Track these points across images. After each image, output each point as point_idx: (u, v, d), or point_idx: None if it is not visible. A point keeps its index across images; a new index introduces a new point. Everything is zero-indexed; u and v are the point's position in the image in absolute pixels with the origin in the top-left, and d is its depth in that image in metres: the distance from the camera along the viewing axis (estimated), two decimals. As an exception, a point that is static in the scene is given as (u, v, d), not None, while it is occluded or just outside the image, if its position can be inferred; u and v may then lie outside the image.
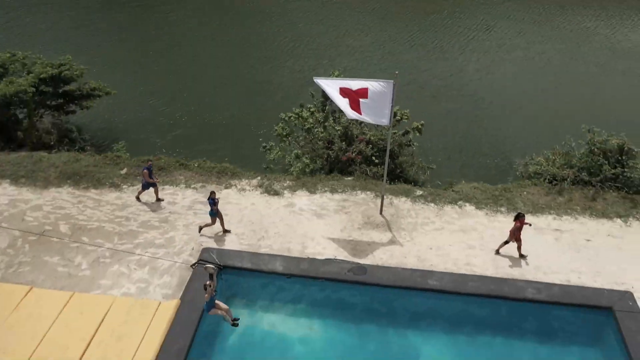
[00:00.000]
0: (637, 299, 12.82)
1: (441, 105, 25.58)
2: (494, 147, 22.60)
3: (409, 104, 21.33)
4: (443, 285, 13.16)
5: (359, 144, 18.04)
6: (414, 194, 16.71)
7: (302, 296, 13.50)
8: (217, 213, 14.37)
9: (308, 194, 16.65)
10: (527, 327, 12.59)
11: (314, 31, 33.85)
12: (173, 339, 11.58)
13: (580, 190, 17.14)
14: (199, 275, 13.22)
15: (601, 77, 28.43)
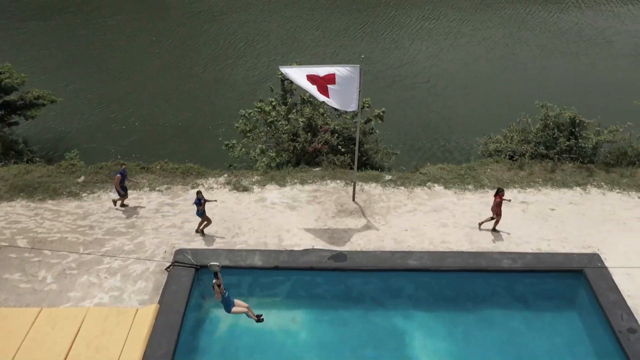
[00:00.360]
0: (604, 260, 13.45)
1: (397, 94, 25.96)
2: (452, 130, 23.17)
3: (366, 94, 21.45)
4: (423, 263, 13.31)
5: (324, 134, 17.98)
6: (384, 179, 16.83)
7: (283, 288, 13.29)
8: (204, 213, 13.92)
9: (278, 187, 16.42)
10: (507, 296, 12.94)
11: (263, 28, 33.56)
12: (156, 345, 11.09)
13: (539, 163, 17.81)
14: (176, 278, 12.77)
15: (543, 58, 29.72)
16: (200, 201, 13.68)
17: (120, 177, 14.68)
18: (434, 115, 24.53)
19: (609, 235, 14.41)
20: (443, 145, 22.03)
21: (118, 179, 14.65)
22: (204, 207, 13.80)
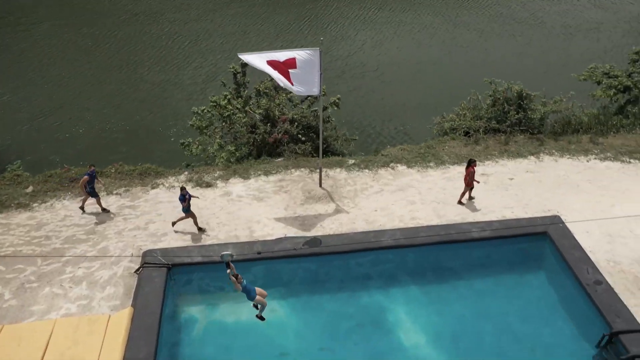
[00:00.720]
0: (564, 221, 14.10)
1: (348, 83, 26.15)
2: (407, 114, 23.62)
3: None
4: (397, 240, 13.45)
5: (283, 124, 17.81)
6: (347, 164, 16.88)
7: (260, 279, 13.01)
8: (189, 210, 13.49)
9: (242, 180, 16.10)
10: (480, 263, 13.32)
11: (206, 26, 32.89)
12: (135, 349, 10.57)
13: (493, 137, 18.44)
14: (147, 280, 12.24)
15: (482, 41, 30.86)
16: (185, 197, 13.26)
17: (87, 178, 13.97)
18: (386, 101, 24.91)
19: (565, 198, 15.12)
20: (399, 129, 22.38)
21: (85, 181, 13.93)
22: (189, 202, 13.41)
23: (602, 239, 13.66)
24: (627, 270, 12.78)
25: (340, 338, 11.89)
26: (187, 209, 13.53)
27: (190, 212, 13.66)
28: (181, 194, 13.32)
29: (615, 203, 14.90)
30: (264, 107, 17.89)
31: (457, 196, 15.12)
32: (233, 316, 12.33)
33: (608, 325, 11.22)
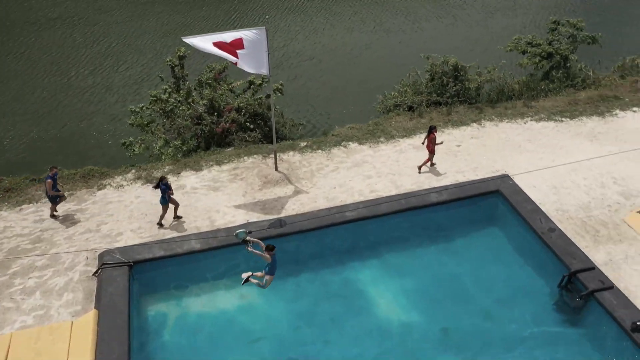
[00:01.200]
0: (513, 179, 14.83)
1: (286, 73, 25.96)
2: (348, 97, 23.86)
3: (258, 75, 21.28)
4: (360, 213, 13.57)
5: (229, 113, 17.45)
6: (299, 146, 16.81)
7: (227, 267, 12.69)
8: (171, 199, 12.97)
9: (194, 172, 15.60)
10: (442, 226, 13.72)
11: (131, 28, 31.50)
12: (107, 350, 9.98)
13: (435, 110, 19.07)
14: (109, 280, 11.58)
15: (410, 23, 31.80)
16: (167, 186, 12.77)
17: (51, 182, 13.00)
18: (327, 86, 25.09)
19: (510, 158, 15.90)
20: (344, 112, 22.56)
21: (50, 184, 12.96)
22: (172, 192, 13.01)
23: (549, 191, 14.50)
24: (574, 217, 13.65)
25: (316, 316, 11.84)
26: (168, 199, 13.04)
27: (172, 199, 13.18)
28: (163, 184, 12.78)
29: (555, 158, 15.86)
30: (207, 98, 17.42)
31: (411, 167, 15.51)
32: (202, 307, 11.96)
33: (566, 267, 11.94)
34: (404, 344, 10.98)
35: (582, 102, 19.00)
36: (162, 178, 12.88)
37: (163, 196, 12.96)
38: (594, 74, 21.38)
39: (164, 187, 12.82)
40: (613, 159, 15.79)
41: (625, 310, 10.90)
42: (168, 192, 12.87)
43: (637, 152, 16.01)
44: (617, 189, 14.61)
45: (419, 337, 11.10)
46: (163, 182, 12.83)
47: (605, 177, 15.04)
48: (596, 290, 11.30)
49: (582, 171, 15.29)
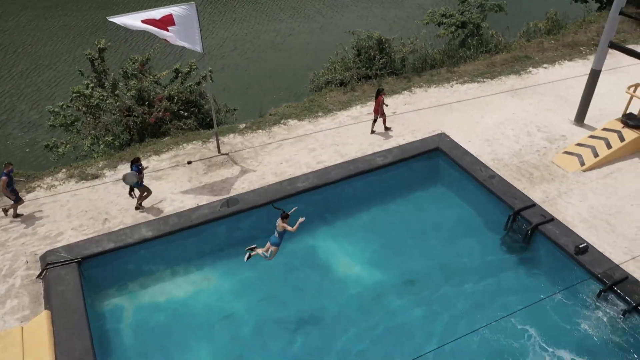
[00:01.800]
0: (449, 136, 15.55)
1: (211, 64, 25.35)
2: (278, 82, 23.83)
3: (184, 63, 20.69)
4: (311, 182, 13.62)
5: (160, 102, 16.79)
6: (239, 129, 16.54)
7: (184, 252, 12.26)
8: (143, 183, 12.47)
9: (132, 164, 14.88)
10: (391, 186, 14.09)
11: (33, 32, 29.38)
12: (68, 348, 9.30)
13: (366, 83, 19.52)
14: (57, 279, 10.80)
15: (327, 9, 32.28)
16: (139, 168, 12.29)
17: (6, 179, 12.03)
18: (256, 74, 24.93)
19: (443, 119, 16.63)
20: (275, 97, 22.45)
21: (4, 182, 12.08)
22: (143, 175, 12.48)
23: (483, 144, 15.36)
24: (509, 164, 14.57)
25: (282, 286, 11.76)
26: (141, 182, 12.54)
27: (144, 185, 12.68)
28: (135, 166, 12.30)
29: (483, 114, 16.82)
30: (135, 88, 16.63)
31: (352, 137, 15.80)
32: (164, 294, 11.54)
33: (510, 208, 12.74)
34: (368, 294, 11.20)
35: (498, 64, 20.28)
36: (135, 160, 12.48)
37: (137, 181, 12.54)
38: (504, 39, 22.88)
39: (136, 169, 12.38)
40: (534, 110, 17.03)
41: (567, 237, 11.83)
42: (140, 175, 12.42)
43: (553, 102, 17.38)
44: (542, 135, 15.78)
45: (383, 286, 11.35)
46: (136, 164, 12.41)
47: (530, 127, 16.18)
48: (539, 223, 12.16)
49: (509, 123, 16.34)
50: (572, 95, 17.60)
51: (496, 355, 9.92)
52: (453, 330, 10.05)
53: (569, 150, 14.75)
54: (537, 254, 12.05)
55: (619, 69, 18.98)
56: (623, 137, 14.52)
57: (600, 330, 10.28)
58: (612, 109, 16.44)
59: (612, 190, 13.53)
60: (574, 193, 13.49)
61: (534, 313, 10.57)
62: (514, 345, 10.09)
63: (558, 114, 16.80)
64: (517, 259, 12.17)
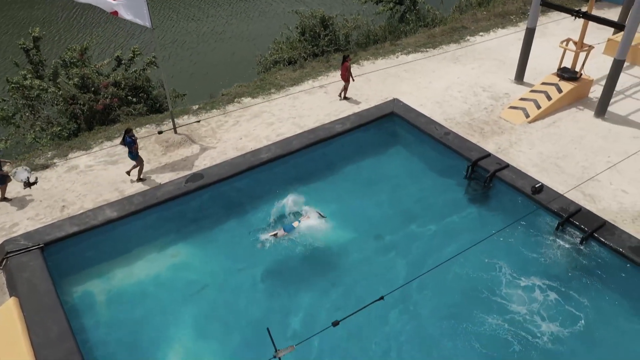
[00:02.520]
0: (401, 100, 16.04)
1: (159, 55, 24.71)
2: (223, 69, 23.54)
3: (126, 50, 20.04)
4: (275, 153, 13.63)
5: (106, 89, 16.16)
6: (192, 110, 16.24)
7: (152, 231, 11.92)
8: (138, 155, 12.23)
9: (84, 151, 14.25)
10: (353, 151, 14.35)
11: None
12: (43, 331, 8.83)
13: (313, 60, 19.71)
14: (21, 267, 10.23)
15: None
16: (132, 140, 12.00)
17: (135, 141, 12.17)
18: (200, 65, 24.53)
19: (394, 87, 17.10)
20: (223, 82, 22.17)
21: None
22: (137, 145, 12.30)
23: (434, 107, 15.95)
24: (461, 122, 15.23)
25: (256, 254, 11.69)
26: (136, 154, 12.30)
27: (139, 157, 12.46)
28: (128, 137, 12.16)
29: (430, 80, 17.46)
30: (78, 75, 15.90)
31: (308, 109, 15.92)
32: (134, 274, 11.12)
33: (467, 159, 13.34)
34: (335, 249, 11.41)
35: (438, 35, 21.08)
36: (128, 130, 12.15)
37: (130, 151, 12.33)
38: (439, 13, 23.82)
39: (130, 140, 12.10)
40: (477, 73, 17.88)
41: (523, 180, 12.56)
42: (134, 146, 12.19)
43: (493, 65, 18.33)
44: (487, 94, 16.61)
45: (360, 247, 11.57)
46: (129, 134, 12.12)
47: (475, 88, 16.99)
48: (497, 170, 12.83)
49: (456, 87, 17.07)
50: (508, 58, 18.65)
51: (470, 289, 10.40)
52: (425, 267, 10.42)
53: (514, 105, 15.63)
54: (497, 198, 12.69)
55: (547, 32, 20.31)
56: (560, 89, 15.57)
57: (564, 257, 11.01)
58: (545, 68, 17.57)
59: (556, 137, 14.49)
60: (523, 142, 14.33)
61: (501, 248, 11.22)
62: (485, 277, 10.61)
63: (499, 75, 17.74)
64: (479, 203, 12.78)
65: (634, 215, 11.75)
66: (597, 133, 14.60)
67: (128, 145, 12.27)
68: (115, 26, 28.69)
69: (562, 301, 10.16)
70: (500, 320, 9.79)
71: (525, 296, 10.24)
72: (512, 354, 9.28)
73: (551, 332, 9.57)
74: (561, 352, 9.29)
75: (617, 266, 10.60)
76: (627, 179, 12.89)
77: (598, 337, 9.59)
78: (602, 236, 10.95)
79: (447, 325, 9.79)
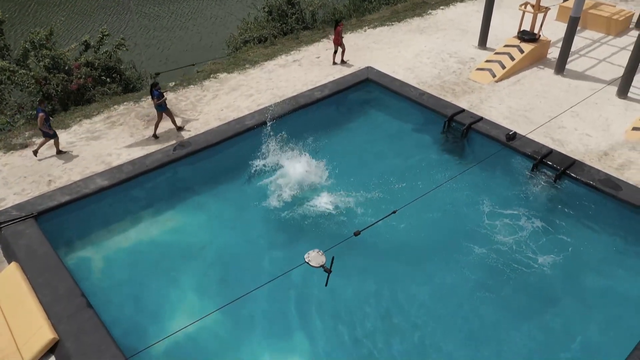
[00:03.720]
0: (375, 67, 16.61)
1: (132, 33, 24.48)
2: (193, 53, 23.49)
3: (94, 34, 19.72)
4: (259, 119, 13.89)
5: (79, 69, 15.95)
6: (169, 86, 16.23)
7: (146, 197, 11.98)
8: (166, 107, 12.74)
9: (63, 130, 14.05)
10: (333, 116, 14.86)
11: None
12: (50, 290, 8.87)
13: (283, 37, 20.02)
14: (17, 235, 10.16)
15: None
16: (160, 92, 12.84)
17: (44, 115, 12.21)
18: (168, 51, 24.33)
19: (365, 57, 17.62)
20: (193, 68, 22.21)
21: (42, 118, 12.17)
22: (165, 97, 13.07)
23: (406, 72, 16.59)
24: (433, 84, 15.92)
25: (249, 214, 11.94)
26: (164, 107, 12.76)
27: (167, 109, 12.97)
28: (155, 90, 12.79)
29: (400, 49, 18.12)
30: (48, 57, 15.61)
31: (284, 81, 16.24)
32: (130, 238, 11.21)
33: (444, 115, 14.03)
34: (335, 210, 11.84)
35: (401, 11, 21.80)
36: (154, 85, 12.66)
37: (159, 104, 12.78)
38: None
39: (157, 93, 12.61)
40: (443, 42, 18.68)
41: (497, 130, 13.34)
42: (162, 98, 12.64)
43: (456, 35, 19.18)
44: (454, 59, 17.41)
45: (345, 200, 12.02)
46: (155, 88, 12.63)
47: (442, 54, 17.76)
48: (472, 122, 13.57)
49: (424, 54, 17.79)
50: (470, 28, 19.58)
51: (460, 222, 11.11)
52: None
53: (481, 67, 16.48)
54: (474, 147, 13.43)
55: (502, 5, 21.37)
56: (522, 50, 16.54)
57: (541, 193, 11.85)
58: (504, 34, 18.57)
59: (522, 93, 15.41)
60: (492, 99, 15.16)
61: (484, 189, 11.98)
62: (468, 212, 11.38)
63: (463, 43, 18.60)
64: (458, 153, 13.50)
65: (599, 155, 12.73)
66: (559, 87, 15.62)
67: (156, 97, 12.84)
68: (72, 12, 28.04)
69: (543, 228, 11.05)
70: (486, 249, 10.54)
71: (510, 225, 11.07)
72: (499, 271, 10.09)
73: (532, 251, 10.47)
74: (543, 270, 10.18)
75: (588, 197, 11.52)
76: (590, 124, 13.91)
77: (573, 253, 10.65)
78: (574, 172, 11.83)
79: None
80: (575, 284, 10.00)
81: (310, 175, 12.50)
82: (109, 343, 7.99)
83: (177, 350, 8.68)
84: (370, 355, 8.87)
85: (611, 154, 12.71)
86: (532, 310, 9.52)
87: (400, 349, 8.94)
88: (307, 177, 12.48)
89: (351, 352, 8.94)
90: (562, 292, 9.87)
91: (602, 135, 13.45)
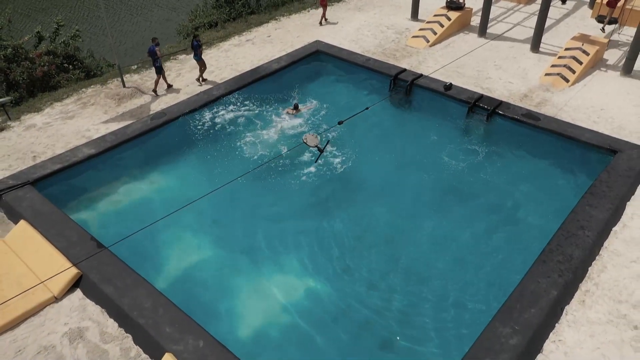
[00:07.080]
0: (323, 41, 18.27)
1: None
2: (145, 39, 24.18)
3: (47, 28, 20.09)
4: (225, 89, 15.19)
5: (40, 58, 16.53)
6: (132, 69, 17.14)
7: (133, 160, 12.95)
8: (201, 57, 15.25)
9: (37, 113, 14.71)
10: (289, 82, 16.30)
11: None
12: (64, 237, 9.83)
13: (233, 22, 21.29)
14: (19, 200, 10.97)
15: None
16: (199, 43, 15.05)
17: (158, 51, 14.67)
18: (120, 37, 24.86)
19: (312, 34, 19.25)
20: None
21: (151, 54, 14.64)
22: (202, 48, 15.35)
23: (351, 44, 18.37)
24: (376, 52, 17.80)
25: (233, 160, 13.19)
26: (200, 56, 15.18)
27: (202, 60, 15.34)
28: (195, 41, 15.09)
29: (343, 25, 19.90)
30: (10, 46, 16.10)
31: (241, 57, 17.56)
32: (121, 199, 12.11)
33: (389, 75, 15.90)
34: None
35: (338, -7, 23.65)
36: (195, 35, 14.76)
37: (196, 53, 15.15)
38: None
39: (197, 43, 15.05)
40: (379, 17, 20.65)
41: (435, 84, 15.35)
42: (199, 49, 15.01)
43: (391, 10, 21.23)
44: (392, 31, 19.40)
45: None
46: (196, 39, 14.73)
47: (380, 27, 19.71)
48: (414, 79, 15.52)
49: (365, 28, 19.67)
50: (402, 4, 21.70)
51: (417, 153, 13.13)
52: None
53: (415, 34, 18.55)
54: (417, 100, 15.40)
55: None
56: (449, 18, 18.77)
57: (476, 131, 14.01)
58: (433, 8, 20.79)
59: (454, 54, 17.58)
60: (428, 61, 17.22)
61: (431, 128, 13.97)
62: (421, 145, 13.41)
63: (398, 16, 20.65)
64: (403, 106, 15.44)
65: (520, 97, 15.05)
66: (483, 47, 17.93)
67: (195, 48, 15.02)
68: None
69: (480, 152, 13.20)
70: (437, 170, 12.74)
71: (454, 152, 13.21)
72: (447, 182, 12.37)
73: (471, 168, 12.70)
74: (480, 178, 12.47)
75: (514, 129, 13.75)
76: (511, 74, 16.26)
77: (506, 169, 12.86)
78: (502, 110, 14.03)
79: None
80: (503, 188, 12.25)
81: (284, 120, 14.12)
82: (129, 271, 9.13)
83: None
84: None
85: (530, 95, 15.07)
86: (467, 197, 11.96)
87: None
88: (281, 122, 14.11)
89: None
90: (491, 191, 12.13)
91: (522, 81, 15.83)
